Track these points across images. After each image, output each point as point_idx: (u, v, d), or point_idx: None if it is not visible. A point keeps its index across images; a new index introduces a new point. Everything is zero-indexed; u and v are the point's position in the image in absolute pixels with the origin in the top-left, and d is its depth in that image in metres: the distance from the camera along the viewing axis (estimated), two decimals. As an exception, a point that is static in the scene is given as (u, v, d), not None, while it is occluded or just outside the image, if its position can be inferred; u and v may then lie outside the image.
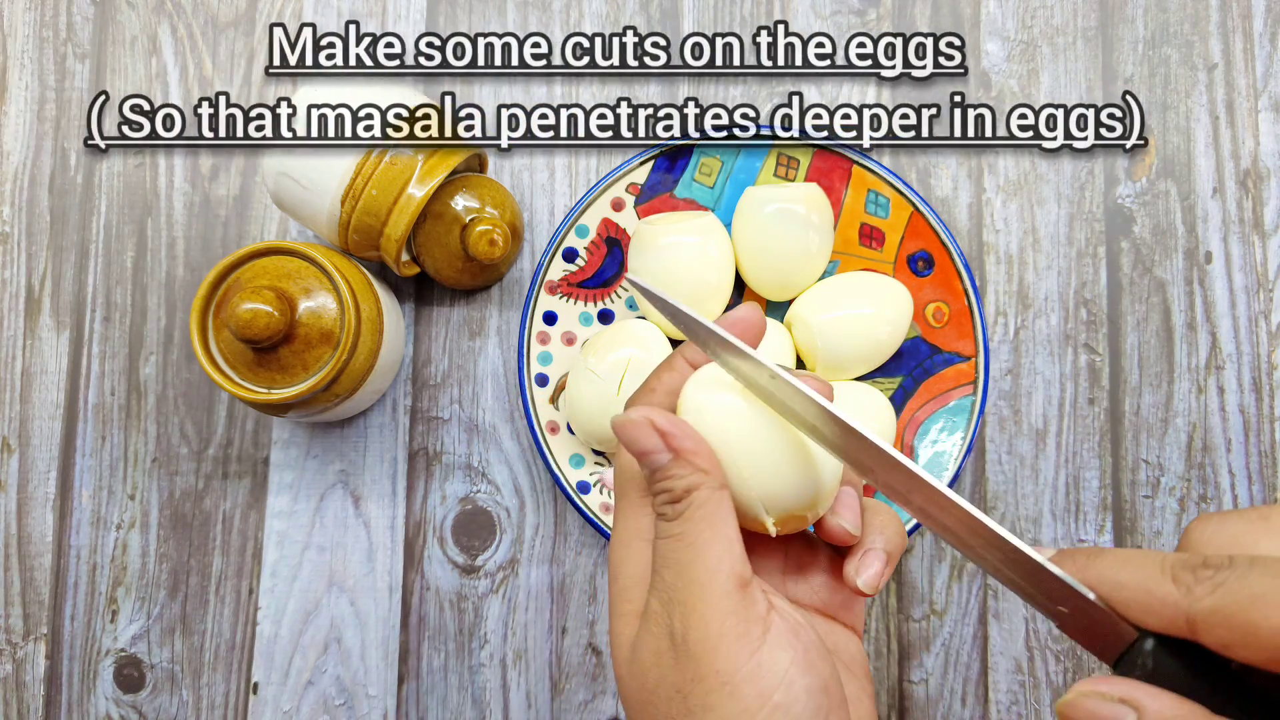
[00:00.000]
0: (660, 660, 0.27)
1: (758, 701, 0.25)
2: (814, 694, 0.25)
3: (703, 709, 0.25)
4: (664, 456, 0.28)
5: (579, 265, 0.50)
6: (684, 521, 0.27)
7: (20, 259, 0.52)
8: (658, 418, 0.28)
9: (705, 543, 0.26)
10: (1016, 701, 0.49)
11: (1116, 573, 0.24)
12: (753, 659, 0.25)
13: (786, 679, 0.25)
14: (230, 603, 0.50)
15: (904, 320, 0.48)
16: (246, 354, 0.42)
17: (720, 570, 0.26)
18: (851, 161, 0.48)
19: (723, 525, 0.27)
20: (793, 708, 0.25)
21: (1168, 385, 0.51)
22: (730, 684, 0.25)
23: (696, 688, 0.26)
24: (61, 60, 0.53)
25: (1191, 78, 0.53)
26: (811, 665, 0.26)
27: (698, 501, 0.27)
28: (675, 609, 0.26)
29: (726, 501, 0.27)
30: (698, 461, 0.27)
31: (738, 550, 0.27)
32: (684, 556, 0.27)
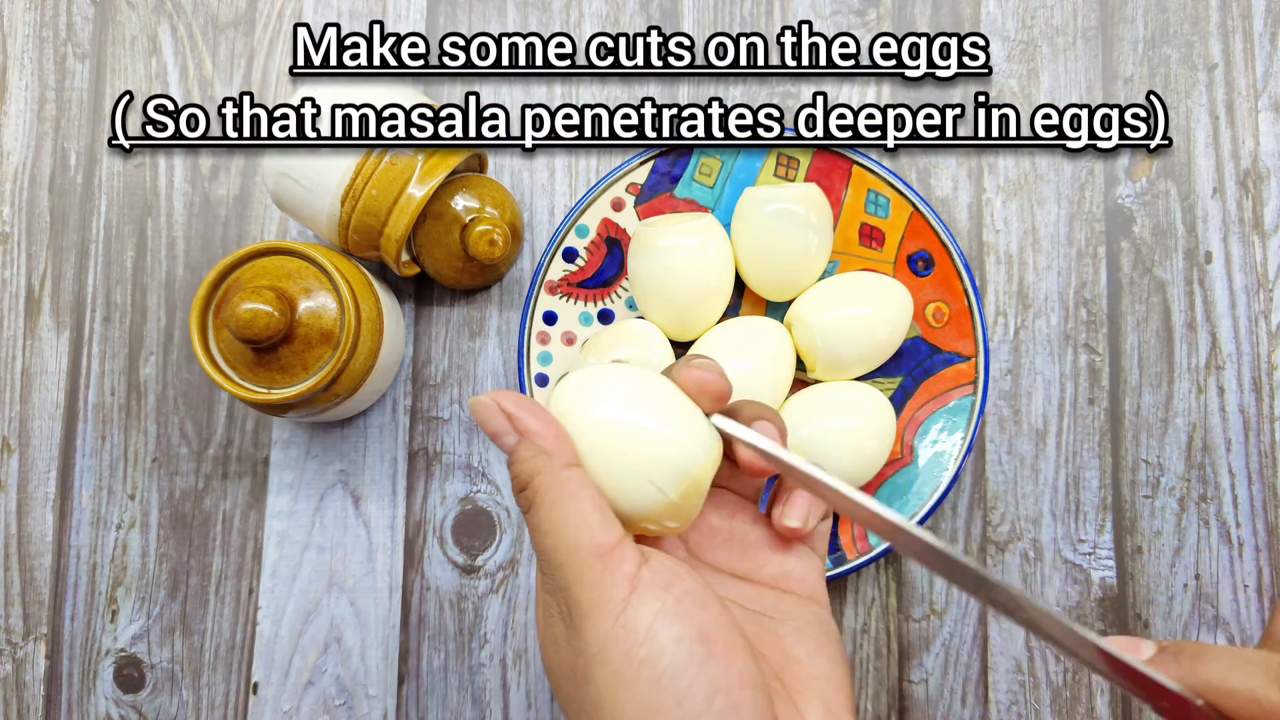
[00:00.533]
0: (557, 644, 0.27)
1: (624, 662, 0.25)
2: (684, 642, 0.25)
3: (585, 681, 0.26)
4: (510, 438, 0.28)
5: (579, 265, 0.50)
6: (535, 510, 0.27)
7: (20, 259, 0.52)
8: (505, 400, 0.28)
9: (559, 525, 0.27)
10: (1017, 701, 0.49)
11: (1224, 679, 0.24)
12: (617, 621, 0.25)
13: (651, 632, 0.25)
14: (230, 603, 0.50)
15: (904, 320, 0.48)
16: (246, 354, 0.42)
17: (579, 547, 0.26)
18: (851, 161, 0.48)
19: (572, 502, 0.27)
20: (660, 660, 0.25)
21: (1168, 385, 0.51)
22: (601, 651, 0.25)
23: (579, 662, 0.26)
24: (61, 60, 0.53)
25: (1191, 78, 0.53)
26: (683, 614, 0.26)
27: (543, 487, 0.27)
28: (557, 595, 0.27)
29: (574, 478, 0.27)
30: (540, 441, 0.27)
31: (593, 520, 0.27)
32: (546, 544, 0.27)
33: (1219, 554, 0.50)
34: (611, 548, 0.26)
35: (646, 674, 0.25)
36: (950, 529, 0.50)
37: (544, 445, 0.28)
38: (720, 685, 0.25)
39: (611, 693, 0.25)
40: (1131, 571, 0.50)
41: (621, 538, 0.27)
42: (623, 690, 0.25)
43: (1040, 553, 0.50)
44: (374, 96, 0.44)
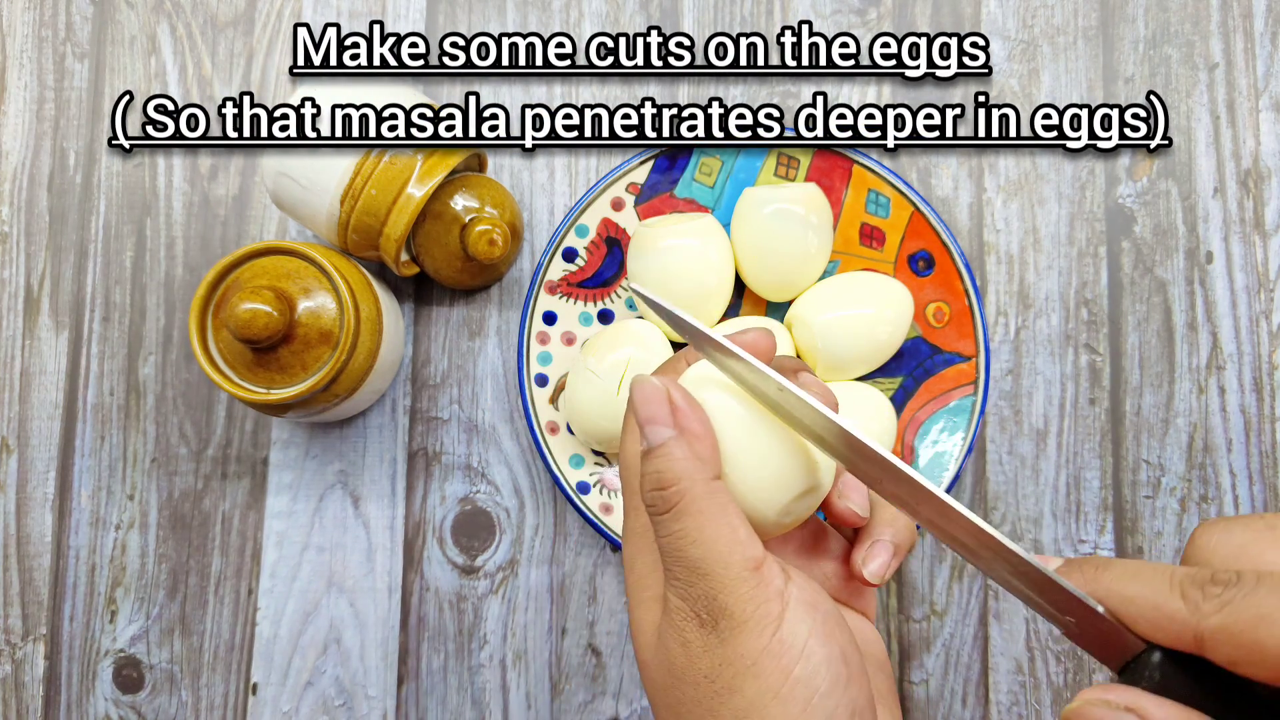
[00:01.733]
0: (688, 649, 0.27)
1: (779, 678, 0.25)
2: (833, 663, 0.26)
3: (729, 691, 0.26)
4: (665, 431, 0.27)
5: (579, 265, 0.49)
6: (679, 517, 0.27)
7: (19, 259, 0.52)
8: (676, 392, 0.28)
9: (710, 539, 0.26)
10: (1017, 702, 0.49)
11: (1124, 586, 0.24)
12: (774, 637, 0.25)
13: (806, 652, 0.25)
14: (229, 603, 0.50)
15: (904, 320, 0.47)
16: (246, 354, 0.42)
17: (732, 560, 0.26)
18: (852, 161, 0.48)
19: (723, 516, 0.27)
20: (813, 680, 0.25)
21: (1168, 385, 0.51)
22: (755, 664, 0.25)
23: (724, 671, 0.26)
24: (60, 60, 0.53)
25: (1192, 77, 0.53)
26: (830, 635, 0.26)
27: (694, 496, 0.27)
28: (699, 602, 0.26)
29: (722, 492, 0.27)
30: (698, 447, 0.27)
31: (743, 534, 0.27)
32: (691, 553, 0.26)
33: (1220, 554, 0.49)
34: (761, 562, 0.26)
35: (801, 692, 0.25)
36: (951, 529, 0.50)
37: (700, 451, 0.27)
38: (857, 707, 0.26)
39: (761, 706, 0.25)
40: (1132, 572, 0.50)
41: (766, 553, 0.27)
42: (775, 705, 0.25)
43: (1041, 553, 0.50)
44: (374, 96, 0.44)
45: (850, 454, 0.27)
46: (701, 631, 0.26)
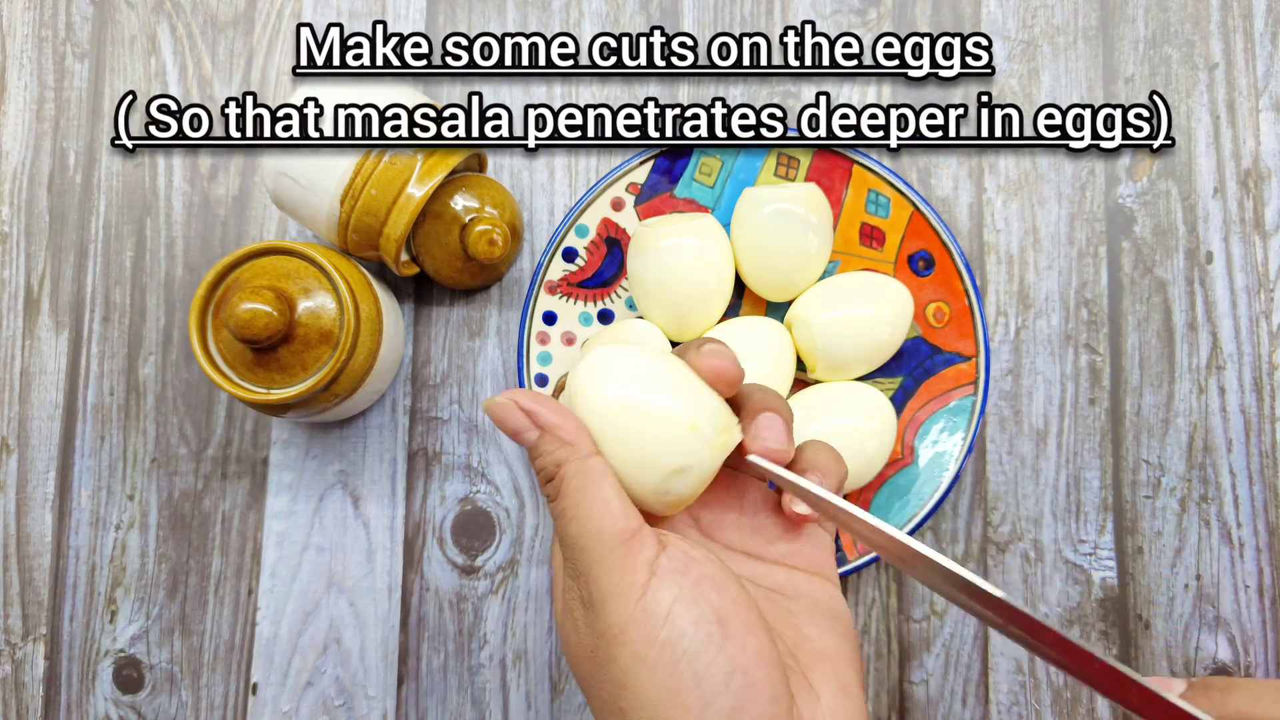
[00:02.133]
0: (577, 626, 0.28)
1: (645, 644, 0.26)
2: (702, 624, 0.26)
3: (607, 662, 0.27)
4: (532, 434, 0.29)
5: (579, 265, 0.49)
6: (562, 498, 0.28)
7: (19, 259, 0.52)
8: (522, 398, 0.29)
9: (584, 512, 0.28)
10: (1017, 702, 0.49)
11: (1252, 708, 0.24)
12: (638, 605, 0.26)
13: (670, 616, 0.26)
14: (229, 603, 0.50)
15: (904, 320, 0.47)
16: (246, 354, 0.42)
17: (602, 532, 0.27)
18: (852, 161, 0.48)
19: (595, 489, 0.28)
20: (679, 642, 0.26)
21: (1168, 385, 0.51)
22: (622, 633, 0.26)
23: (600, 644, 0.27)
24: (60, 60, 0.53)
25: (1192, 77, 0.53)
26: (700, 597, 0.27)
27: (567, 475, 0.28)
28: (579, 579, 0.28)
29: (596, 467, 0.28)
30: (562, 434, 0.29)
31: (615, 506, 0.28)
32: (570, 530, 0.28)
33: (1220, 554, 0.50)
34: (633, 534, 0.27)
35: (667, 655, 0.26)
36: (951, 529, 0.50)
37: (565, 437, 0.29)
38: (738, 664, 0.26)
39: (633, 674, 0.26)
40: (1132, 572, 0.50)
41: (641, 524, 0.28)
42: (644, 671, 0.26)
43: (1041, 553, 0.50)
44: (376, 96, 0.44)
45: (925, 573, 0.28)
46: (584, 609, 0.28)
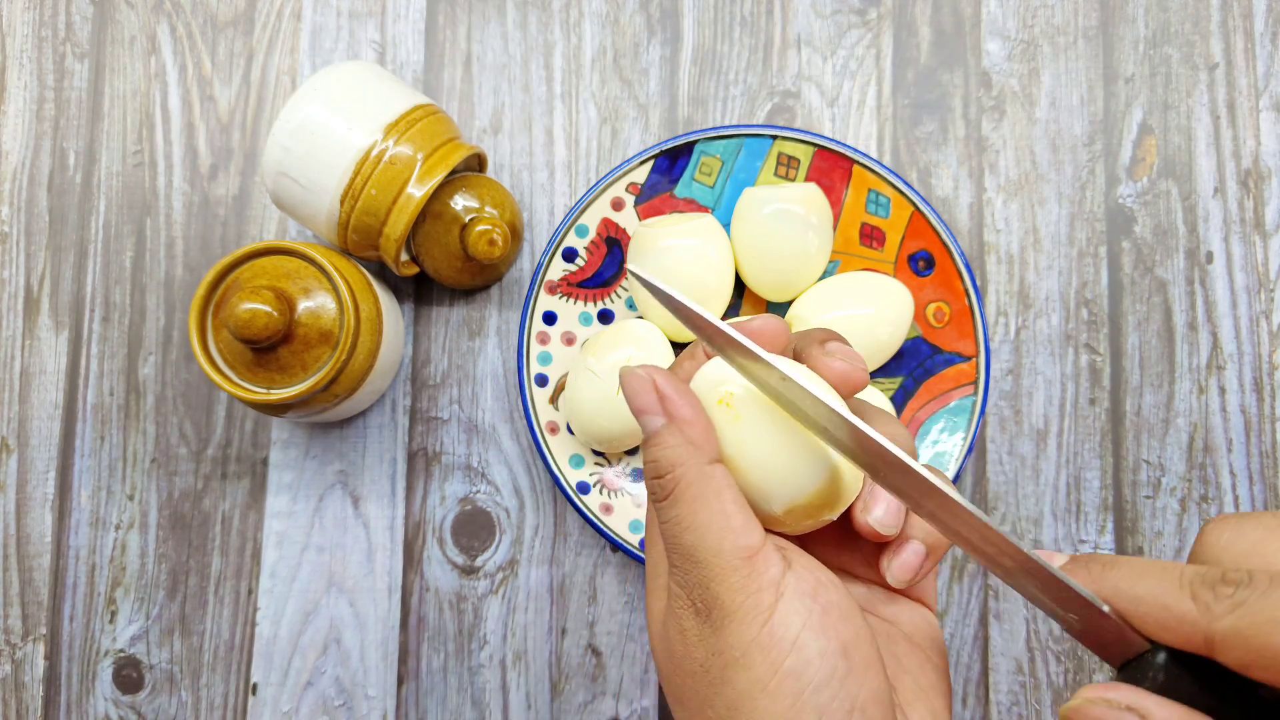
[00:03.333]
0: (686, 637, 0.26)
1: (768, 670, 0.25)
2: (829, 656, 0.25)
3: (721, 682, 0.25)
4: (658, 420, 0.27)
5: (579, 265, 0.49)
6: (675, 504, 0.26)
7: (19, 259, 0.52)
8: (661, 379, 0.27)
9: (702, 525, 0.26)
10: (1017, 702, 0.49)
11: (1132, 585, 0.23)
12: (764, 628, 0.25)
13: (798, 644, 0.25)
14: (229, 603, 0.50)
15: (904, 320, 0.47)
16: (245, 354, 0.42)
17: (723, 548, 0.26)
18: (852, 161, 0.48)
19: (717, 501, 0.26)
20: (804, 673, 0.25)
21: (1169, 385, 0.51)
22: (744, 655, 0.25)
23: (715, 662, 0.25)
24: (60, 60, 0.53)
25: (1192, 77, 0.53)
26: (828, 627, 0.25)
27: (685, 481, 0.26)
28: (693, 590, 0.26)
29: (718, 476, 0.27)
30: (690, 431, 0.27)
31: (738, 522, 0.26)
32: (685, 540, 0.26)
33: (1220, 554, 0.49)
34: (756, 551, 0.26)
35: (790, 686, 0.25)
36: (951, 529, 0.50)
37: (692, 436, 0.27)
38: (858, 703, 0.25)
39: (751, 698, 0.25)
40: (1132, 572, 0.50)
41: (764, 541, 0.26)
42: (764, 698, 0.25)
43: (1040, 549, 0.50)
44: (376, 96, 0.44)
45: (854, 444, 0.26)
46: (697, 620, 0.26)
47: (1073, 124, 0.52)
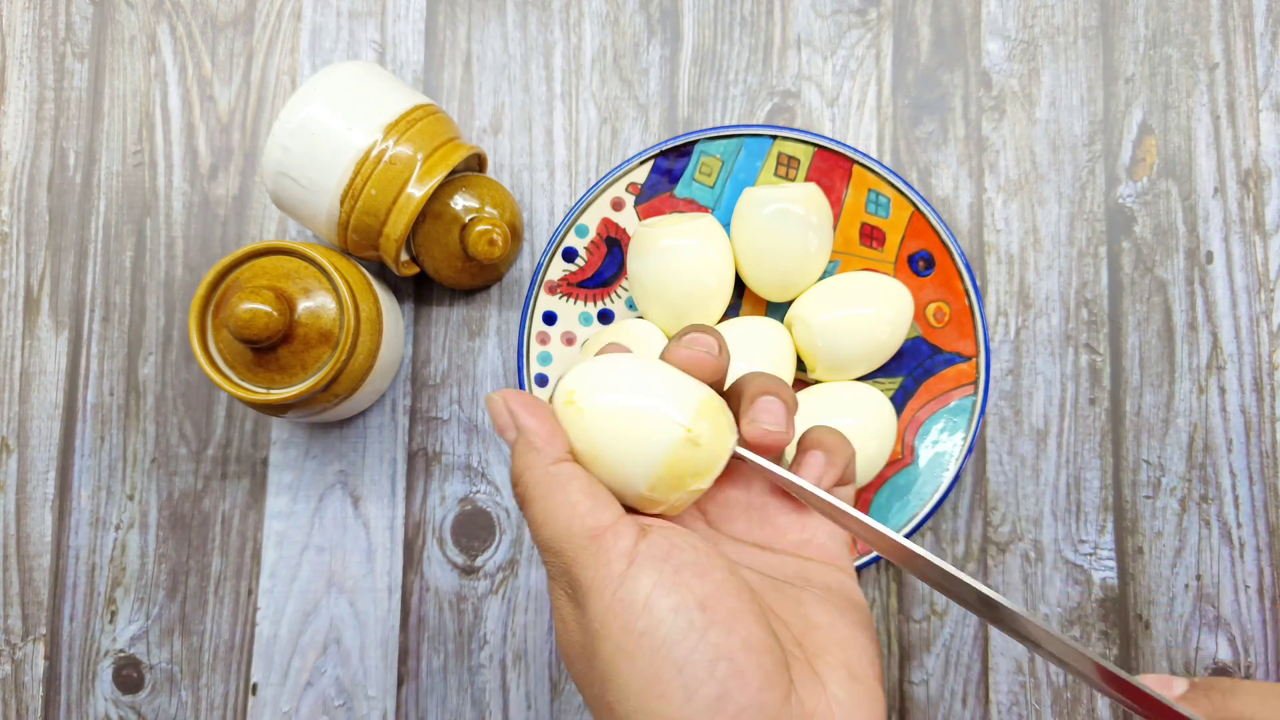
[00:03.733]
0: (566, 625, 0.28)
1: (624, 634, 0.26)
2: (683, 610, 0.26)
3: (593, 657, 0.27)
4: (511, 434, 0.30)
5: (579, 265, 0.49)
6: (529, 504, 0.29)
7: (19, 259, 0.52)
8: (512, 398, 0.30)
9: (551, 518, 0.28)
10: (1017, 702, 0.49)
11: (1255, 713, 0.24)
12: (615, 596, 0.26)
13: (648, 604, 0.26)
14: (229, 603, 0.50)
15: (904, 320, 0.47)
16: (245, 354, 0.42)
17: (571, 533, 0.27)
18: (852, 161, 0.48)
19: (562, 493, 0.28)
20: (658, 630, 0.25)
21: (1169, 385, 0.51)
22: (603, 626, 0.26)
23: (587, 640, 0.27)
24: (60, 60, 0.53)
25: (1192, 77, 0.53)
26: (682, 583, 0.26)
27: (531, 482, 0.28)
28: (559, 578, 0.28)
29: (564, 472, 0.28)
30: (533, 439, 0.29)
31: (583, 507, 0.28)
32: (543, 534, 0.28)
33: (1220, 554, 0.49)
34: (605, 529, 0.27)
35: (646, 644, 0.25)
36: (951, 529, 0.50)
37: (535, 442, 0.29)
38: (722, 651, 0.25)
39: (615, 665, 0.26)
40: (1132, 572, 0.50)
41: (616, 519, 0.28)
42: (625, 662, 0.26)
43: (1041, 553, 0.50)
44: (376, 96, 0.44)
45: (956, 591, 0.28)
46: (569, 605, 0.28)
47: (1073, 124, 0.52)
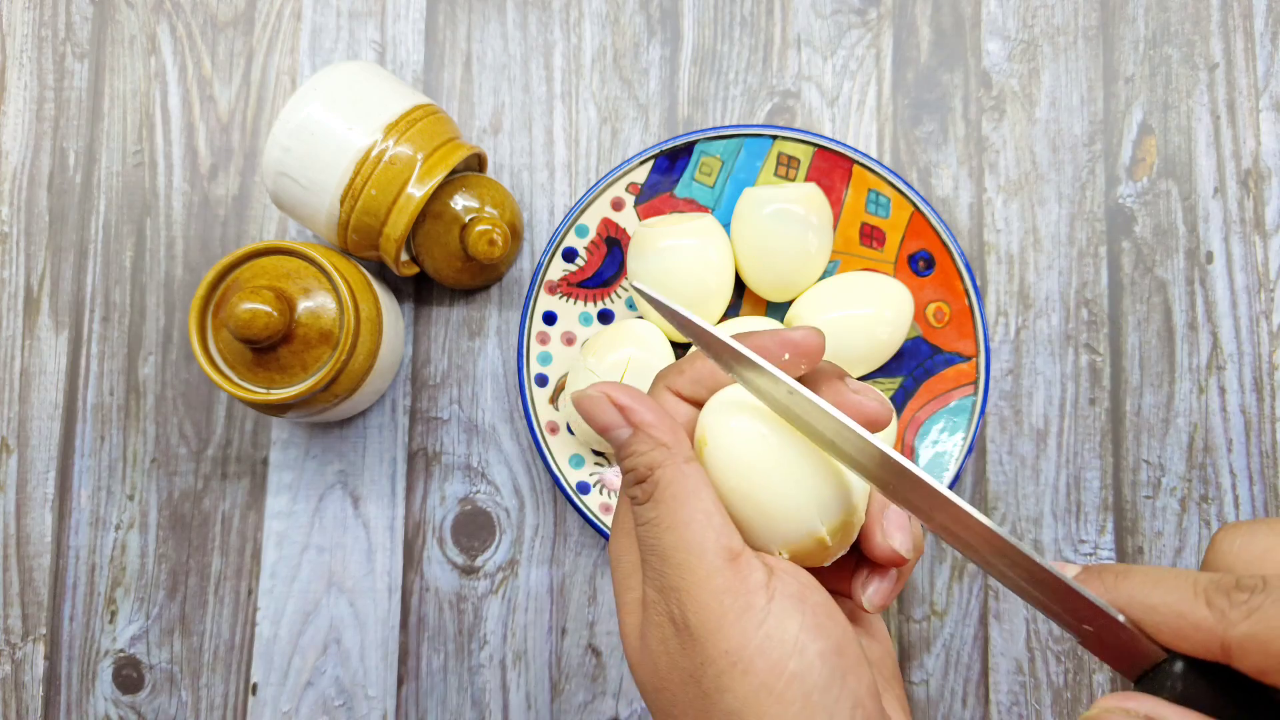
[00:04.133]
0: (668, 647, 0.26)
1: (773, 675, 0.24)
2: (828, 657, 0.25)
3: (718, 691, 0.25)
4: (624, 431, 0.27)
5: (579, 265, 0.49)
6: (655, 505, 0.26)
7: (19, 259, 0.52)
8: (616, 393, 0.27)
9: (683, 523, 0.25)
10: (1017, 702, 0.49)
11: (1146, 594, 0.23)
12: (760, 631, 0.24)
13: (798, 646, 0.24)
14: (229, 603, 0.50)
15: (904, 320, 0.47)
16: (245, 354, 0.42)
17: (705, 548, 0.25)
18: (852, 161, 0.48)
19: (696, 499, 0.26)
20: (809, 675, 0.24)
21: (1169, 385, 0.51)
22: (741, 662, 0.24)
23: (708, 670, 0.25)
24: (60, 60, 0.53)
25: (1192, 77, 0.53)
26: (821, 628, 0.25)
27: (664, 481, 0.26)
28: (670, 595, 0.25)
29: (695, 475, 0.26)
30: (657, 434, 0.26)
31: (718, 521, 0.25)
32: (665, 540, 0.26)
33: (1220, 554, 0.49)
34: (739, 552, 0.25)
35: (797, 688, 0.24)
36: (951, 529, 0.50)
37: (660, 437, 0.26)
38: (858, 698, 0.25)
39: (757, 704, 0.24)
40: (1132, 572, 0.50)
41: (744, 544, 0.26)
42: (772, 704, 0.24)
43: (1041, 553, 0.50)
44: (376, 96, 0.44)
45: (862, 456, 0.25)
46: (675, 629, 0.25)
47: (1073, 124, 0.52)
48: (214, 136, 0.53)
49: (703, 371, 0.29)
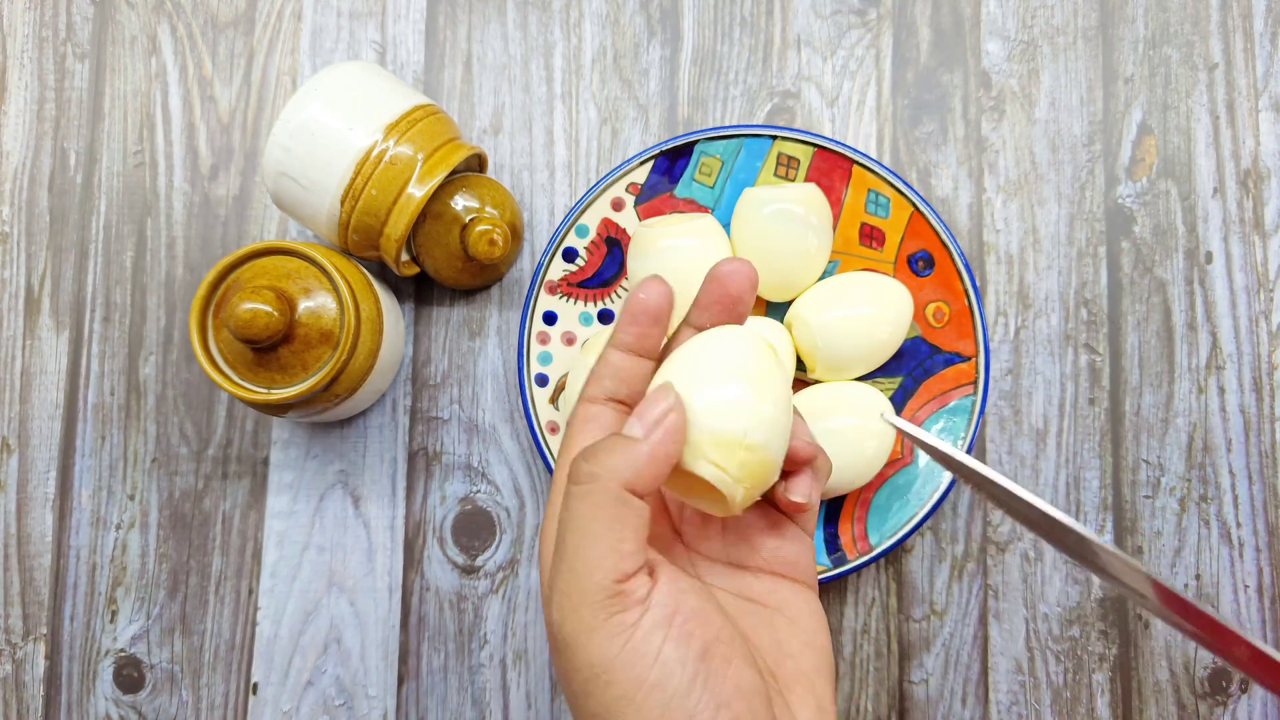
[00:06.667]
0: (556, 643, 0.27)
1: (634, 686, 0.25)
2: (689, 662, 0.26)
3: (584, 695, 0.26)
4: (639, 431, 0.28)
5: (579, 265, 0.49)
6: (584, 498, 0.27)
7: (20, 259, 0.52)
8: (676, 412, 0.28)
9: (595, 535, 0.26)
10: (1017, 702, 0.49)
11: None
12: (626, 647, 0.26)
13: (660, 658, 0.26)
14: (230, 603, 0.50)
15: (904, 320, 0.47)
16: (246, 354, 0.42)
17: (600, 569, 0.26)
18: (852, 161, 0.48)
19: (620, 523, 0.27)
20: (668, 683, 0.26)
21: (1168, 385, 0.51)
22: (605, 674, 0.26)
23: (575, 677, 0.26)
24: (61, 60, 0.53)
25: (1192, 77, 0.53)
26: (688, 635, 0.26)
27: (606, 490, 0.27)
28: (556, 595, 0.27)
29: (633, 508, 0.27)
30: (653, 469, 0.27)
31: (628, 547, 0.27)
32: (570, 540, 0.27)
33: (1219, 554, 0.50)
34: (630, 575, 0.27)
35: (657, 697, 0.25)
36: (951, 529, 0.50)
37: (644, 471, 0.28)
38: (722, 699, 0.26)
39: (619, 712, 0.26)
40: (1132, 572, 0.50)
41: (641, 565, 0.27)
42: (632, 713, 0.25)
43: (1041, 553, 0.50)
44: (376, 96, 0.44)
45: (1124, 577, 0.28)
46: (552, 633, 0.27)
47: (1072, 124, 0.52)
48: (214, 137, 0.53)
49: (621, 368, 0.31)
